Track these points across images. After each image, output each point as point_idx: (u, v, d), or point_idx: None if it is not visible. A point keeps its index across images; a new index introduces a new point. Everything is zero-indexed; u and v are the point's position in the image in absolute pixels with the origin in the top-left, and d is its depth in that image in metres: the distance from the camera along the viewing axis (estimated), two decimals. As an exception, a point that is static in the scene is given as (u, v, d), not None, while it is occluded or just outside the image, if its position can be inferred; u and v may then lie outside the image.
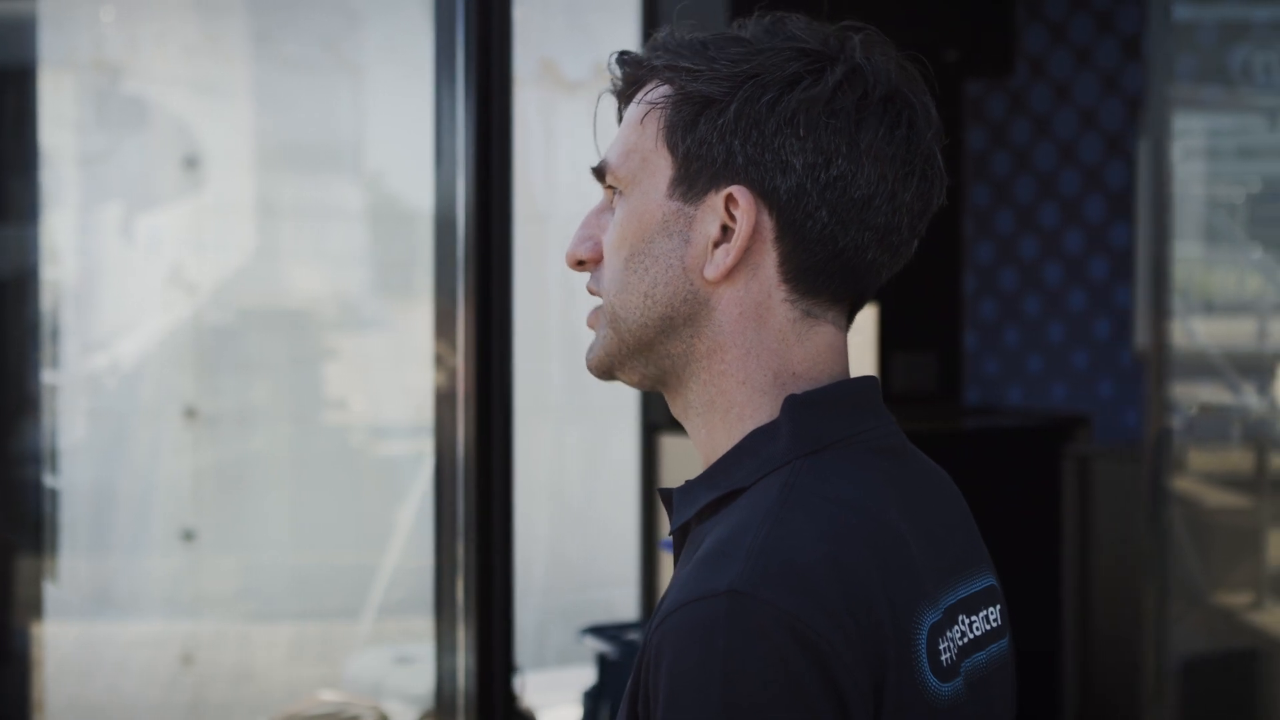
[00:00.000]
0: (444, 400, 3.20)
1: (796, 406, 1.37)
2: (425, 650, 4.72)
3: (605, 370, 1.45)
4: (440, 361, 3.22)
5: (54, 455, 5.11)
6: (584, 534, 5.75)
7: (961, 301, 5.88)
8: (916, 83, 1.42)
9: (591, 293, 1.45)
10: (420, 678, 4.54)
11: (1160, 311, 3.91)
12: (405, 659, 4.74)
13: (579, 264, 1.45)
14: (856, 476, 1.36)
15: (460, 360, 3.15)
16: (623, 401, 5.57)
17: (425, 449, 5.34)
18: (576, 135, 5.83)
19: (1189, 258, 5.04)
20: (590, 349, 1.45)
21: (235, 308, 5.36)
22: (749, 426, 1.38)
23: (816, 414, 1.37)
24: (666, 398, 1.45)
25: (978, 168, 5.83)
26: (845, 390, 1.40)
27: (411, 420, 5.53)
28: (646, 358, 1.42)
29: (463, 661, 3.18)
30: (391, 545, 5.29)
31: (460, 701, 3.17)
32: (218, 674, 5.25)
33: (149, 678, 5.21)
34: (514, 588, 3.19)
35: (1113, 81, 5.42)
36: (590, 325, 1.45)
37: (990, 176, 5.80)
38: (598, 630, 4.01)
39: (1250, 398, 4.33)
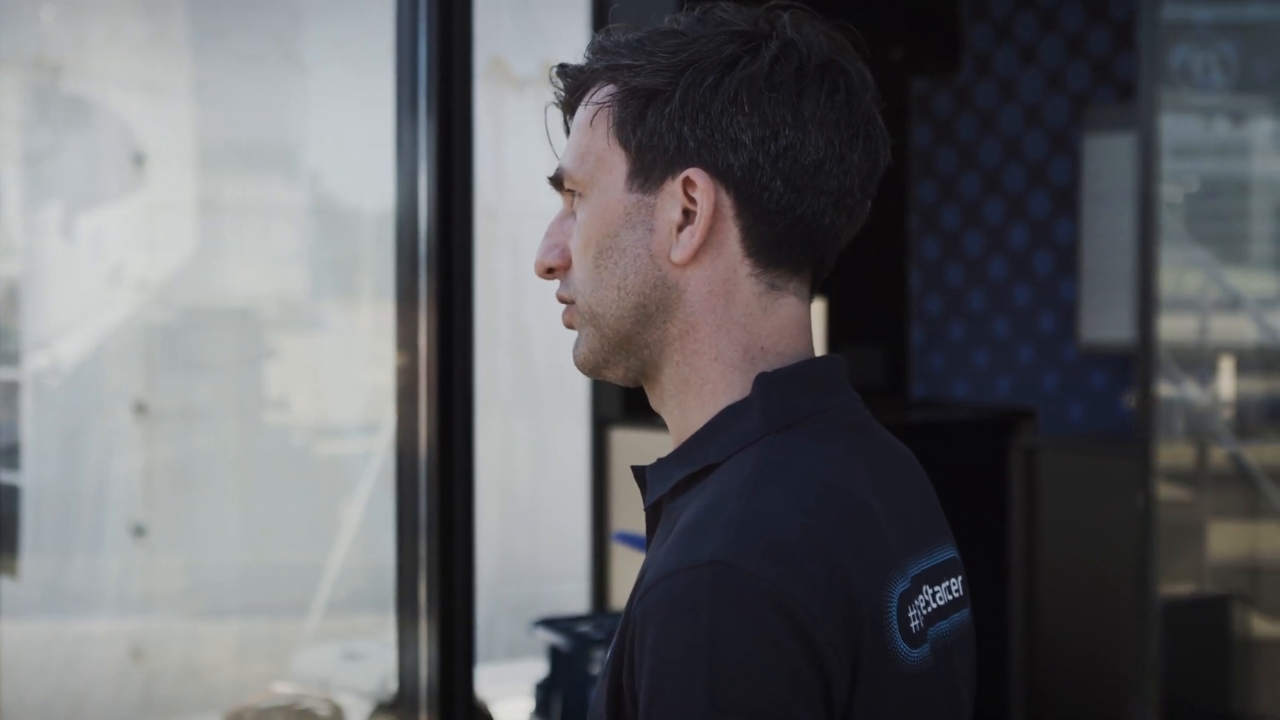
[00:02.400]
0: (405, 400, 3.21)
1: (768, 384, 1.42)
2: (373, 646, 4.73)
3: (592, 369, 1.50)
4: (400, 361, 3.23)
5: (15, 452, 5.09)
6: (533, 528, 5.77)
7: (907, 297, 5.93)
8: (847, 50, 1.47)
9: (562, 300, 1.49)
10: (368, 674, 4.55)
11: (1147, 310, 3.96)
12: (353, 655, 4.75)
13: (549, 272, 1.49)
14: (826, 452, 1.40)
15: (422, 361, 3.16)
16: (572, 396, 5.59)
17: (372, 447, 5.35)
18: (525, 132, 5.85)
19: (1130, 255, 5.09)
20: (575, 348, 1.49)
21: (183, 306, 5.35)
22: (721, 403, 1.43)
23: (787, 391, 1.42)
24: (647, 390, 1.50)
25: (924, 164, 5.87)
26: (813, 368, 1.45)
27: (359, 418, 5.53)
28: (628, 350, 1.46)
29: (425, 656, 3.19)
30: (339, 542, 5.29)
31: (422, 696, 3.18)
32: (167, 670, 5.24)
33: (99, 674, 5.20)
34: (475, 584, 3.22)
35: (1057, 79, 5.47)
36: (568, 324, 1.50)
37: (936, 173, 5.84)
38: (549, 622, 4.03)
39: (1192, 391, 4.38)
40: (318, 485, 5.55)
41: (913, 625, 1.38)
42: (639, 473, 1.48)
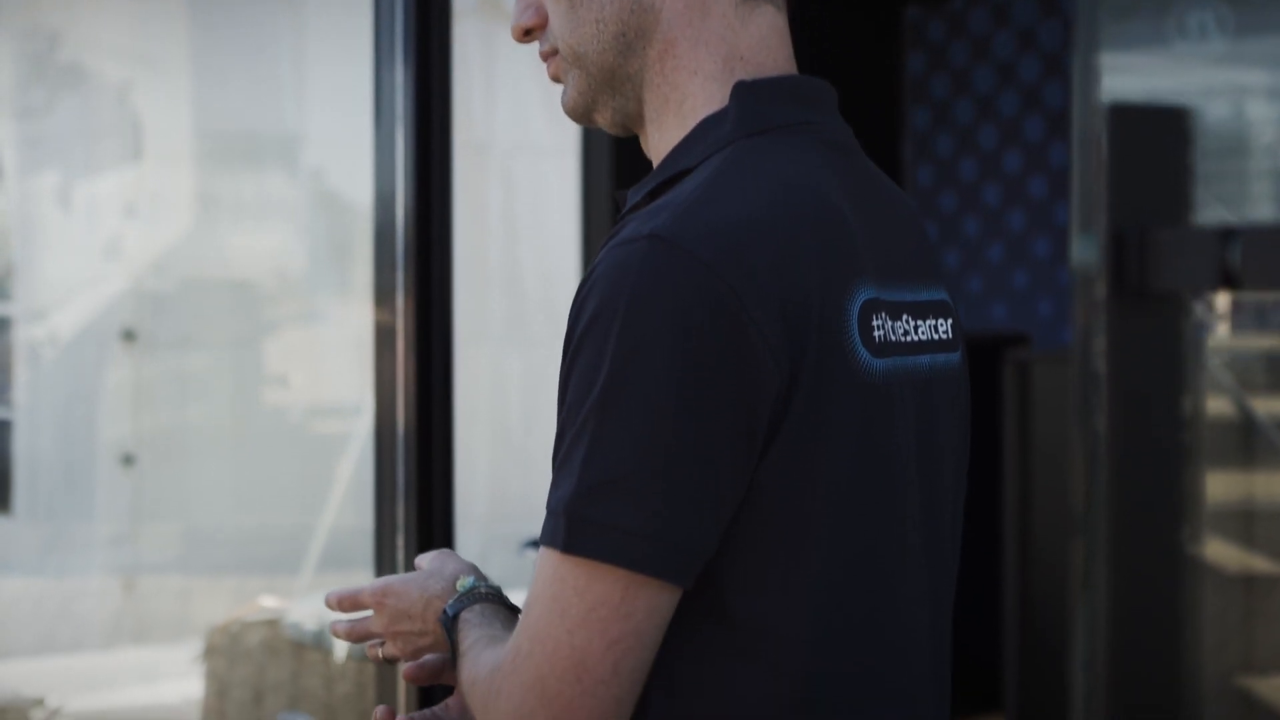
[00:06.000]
0: (384, 356, 3.19)
1: (744, 91, 1.41)
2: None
3: (582, 111, 1.50)
4: (379, 318, 3.20)
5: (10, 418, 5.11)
6: (525, 464, 5.75)
7: (903, 225, 5.88)
8: None
9: (544, 56, 1.51)
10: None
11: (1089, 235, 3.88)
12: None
13: (526, 34, 1.51)
14: (797, 156, 1.39)
15: (399, 317, 3.14)
16: (563, 329, 5.57)
17: (366, 417, 5.33)
18: (517, 67, 5.81)
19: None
20: (563, 95, 1.51)
21: (178, 275, 5.35)
22: (701, 116, 1.43)
23: (763, 98, 1.42)
24: (638, 133, 1.50)
25: (917, 91, 5.82)
26: (797, 83, 1.45)
27: (354, 394, 5.51)
28: (613, 87, 1.46)
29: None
30: (330, 501, 5.29)
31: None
32: (160, 619, 5.25)
33: (92, 628, 5.22)
34: (454, 545, 3.21)
35: (1050, 1, 5.41)
36: (555, 77, 1.51)
37: (930, 100, 5.79)
38: (538, 543, 4.02)
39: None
40: (309, 453, 5.56)
41: (876, 335, 1.36)
42: (621, 195, 1.48)
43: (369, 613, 1.59)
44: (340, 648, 4.48)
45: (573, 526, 1.27)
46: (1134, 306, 3.35)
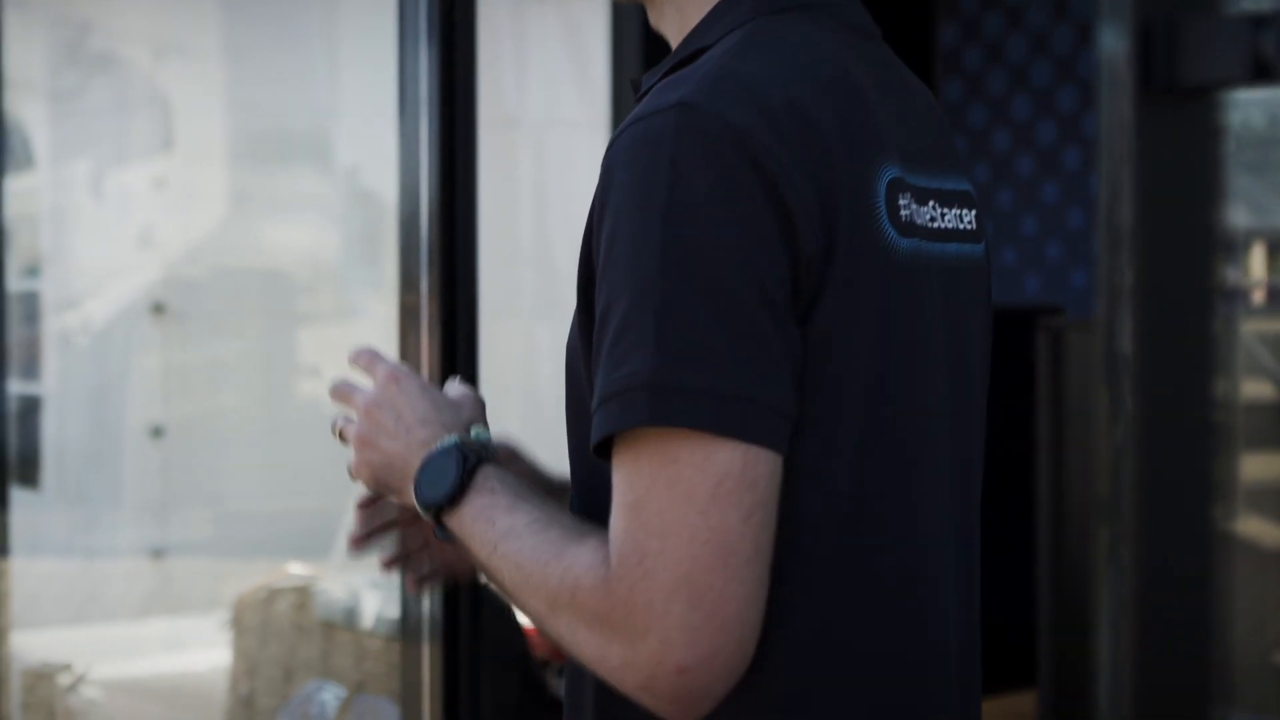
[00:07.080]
0: (408, 339, 3.19)
1: None
2: (396, 578, 4.76)
3: None
4: (405, 300, 3.20)
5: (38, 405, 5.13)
6: (555, 434, 5.74)
7: (935, 197, 5.86)
8: None
9: None
10: (392, 602, 4.56)
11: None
12: (378, 584, 4.77)
13: None
14: (818, 33, 1.37)
15: (424, 301, 3.13)
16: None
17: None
18: (547, 40, 5.80)
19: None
20: None
21: (209, 263, 5.35)
22: None
23: None
24: (647, 7, 1.47)
25: (950, 63, 5.79)
26: None
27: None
28: None
29: (426, 596, 3.20)
30: (359, 484, 5.30)
31: (424, 628, 3.17)
32: (190, 600, 5.27)
33: (122, 608, 5.24)
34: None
35: (1084, -30, 5.38)
36: None
37: (963, 72, 5.76)
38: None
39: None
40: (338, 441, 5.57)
41: (902, 214, 1.33)
42: (637, 79, 1.46)
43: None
44: (368, 621, 4.48)
45: (681, 399, 1.20)
46: (1163, 102, 3.21)
